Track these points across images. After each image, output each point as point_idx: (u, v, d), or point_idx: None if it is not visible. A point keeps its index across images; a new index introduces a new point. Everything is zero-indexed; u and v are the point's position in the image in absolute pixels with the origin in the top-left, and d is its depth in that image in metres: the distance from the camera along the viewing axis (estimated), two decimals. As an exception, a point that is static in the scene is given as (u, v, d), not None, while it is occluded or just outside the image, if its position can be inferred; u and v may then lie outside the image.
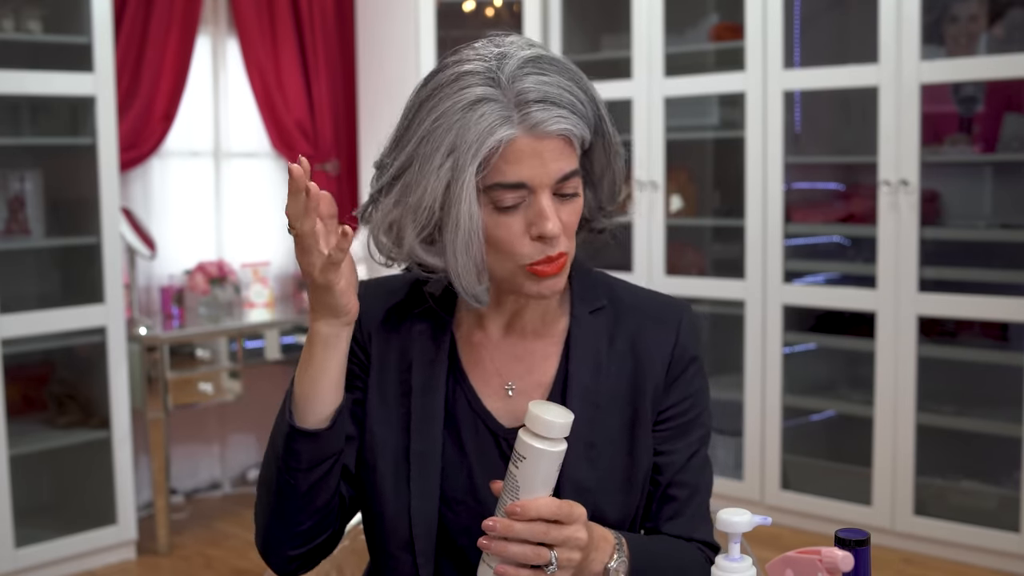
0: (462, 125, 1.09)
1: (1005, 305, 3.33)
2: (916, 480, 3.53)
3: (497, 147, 1.09)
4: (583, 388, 1.21)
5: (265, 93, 4.32)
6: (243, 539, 3.82)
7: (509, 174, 1.10)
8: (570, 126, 1.11)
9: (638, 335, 1.24)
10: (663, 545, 1.22)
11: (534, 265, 1.14)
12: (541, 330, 1.25)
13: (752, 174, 3.79)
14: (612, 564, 1.12)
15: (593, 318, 1.25)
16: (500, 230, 1.13)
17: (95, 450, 3.51)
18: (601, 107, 1.17)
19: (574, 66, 1.17)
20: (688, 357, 1.25)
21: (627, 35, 4.08)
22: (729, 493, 3.90)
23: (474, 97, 1.10)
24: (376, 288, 1.31)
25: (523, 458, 1.07)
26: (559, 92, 1.11)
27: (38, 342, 3.40)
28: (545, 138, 1.10)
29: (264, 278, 4.19)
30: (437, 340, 1.24)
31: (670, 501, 1.24)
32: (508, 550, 1.06)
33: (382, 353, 1.25)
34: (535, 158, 1.10)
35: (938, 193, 3.72)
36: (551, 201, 1.12)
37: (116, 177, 3.46)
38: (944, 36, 3.56)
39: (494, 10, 4.42)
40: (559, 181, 1.12)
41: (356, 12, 4.59)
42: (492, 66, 1.11)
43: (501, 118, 1.09)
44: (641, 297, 1.29)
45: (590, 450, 1.20)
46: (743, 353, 3.87)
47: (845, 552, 0.96)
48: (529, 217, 1.12)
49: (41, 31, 3.41)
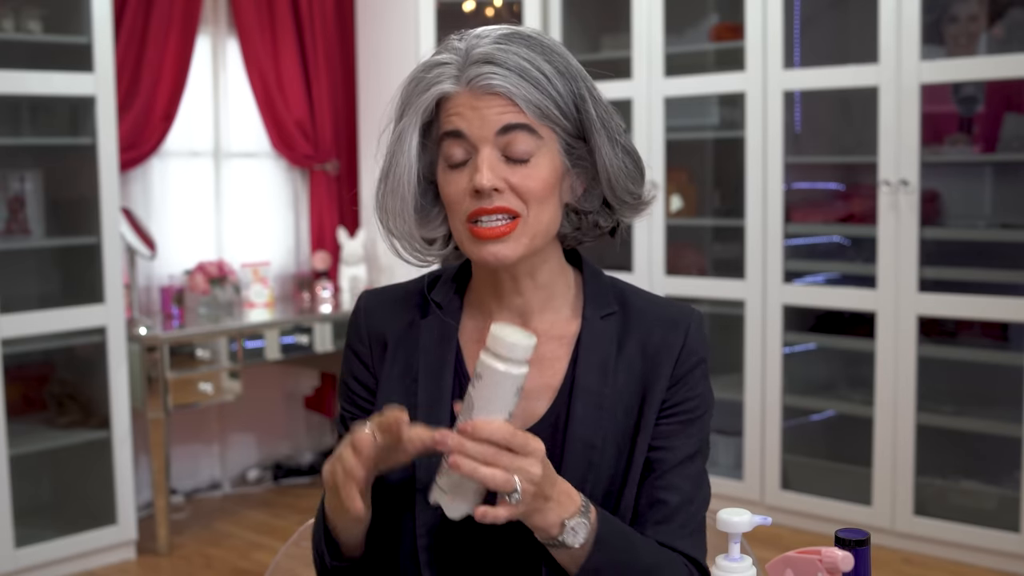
0: (416, 84, 1.17)
1: (1005, 305, 3.33)
2: (916, 480, 3.53)
3: (438, 100, 1.15)
4: (589, 392, 1.21)
5: (265, 93, 4.32)
6: (243, 539, 3.82)
7: (451, 124, 1.15)
8: (508, 85, 1.12)
9: (647, 339, 1.24)
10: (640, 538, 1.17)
11: (472, 218, 1.15)
12: (552, 332, 1.25)
13: (752, 174, 3.79)
14: (570, 521, 1.09)
15: (604, 323, 1.24)
16: (448, 187, 1.17)
17: (95, 450, 3.51)
18: (584, 89, 1.17)
19: (559, 47, 1.17)
20: (695, 359, 1.24)
21: (627, 35, 4.08)
22: (729, 493, 3.90)
23: (434, 62, 1.16)
24: (379, 299, 1.31)
25: (480, 377, 1.05)
26: (512, 58, 1.13)
27: (38, 342, 3.40)
28: (483, 95, 1.13)
29: (264, 278, 4.19)
30: (442, 349, 1.24)
31: (659, 504, 1.20)
32: (478, 472, 1.02)
33: (389, 366, 1.26)
34: (474, 112, 1.13)
35: (938, 193, 3.72)
36: (491, 156, 1.14)
37: (116, 177, 3.46)
38: (944, 36, 3.56)
39: (494, 10, 4.42)
40: (501, 133, 1.13)
41: (356, 12, 4.59)
42: (465, 42, 1.16)
43: (448, 76, 1.15)
44: (651, 303, 1.28)
45: (591, 452, 1.19)
46: (743, 353, 3.87)
47: (845, 552, 0.96)
48: (471, 174, 1.14)
49: (41, 31, 3.41)
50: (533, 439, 1.05)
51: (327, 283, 4.40)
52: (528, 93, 1.12)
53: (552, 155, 1.16)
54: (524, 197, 1.15)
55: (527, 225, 1.16)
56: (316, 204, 4.54)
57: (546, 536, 1.10)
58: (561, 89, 1.14)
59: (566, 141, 1.17)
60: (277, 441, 4.59)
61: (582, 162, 1.19)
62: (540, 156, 1.15)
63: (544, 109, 1.14)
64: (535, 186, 1.15)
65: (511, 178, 1.14)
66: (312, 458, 4.62)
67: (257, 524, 3.98)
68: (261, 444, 4.53)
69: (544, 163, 1.15)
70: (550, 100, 1.14)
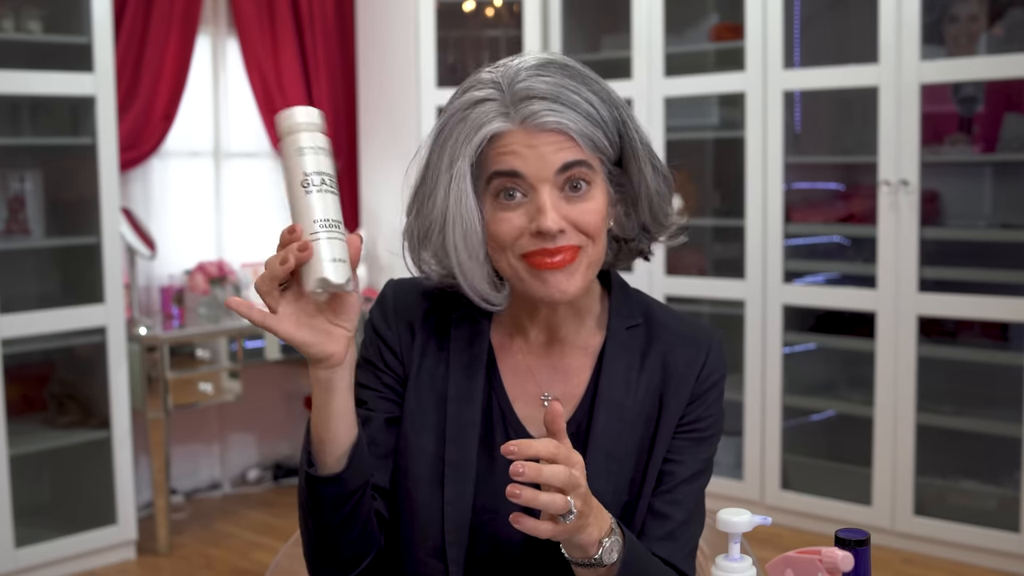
0: (461, 123, 1.12)
1: (1005, 305, 3.33)
2: (916, 480, 3.53)
3: (489, 139, 1.12)
4: (611, 403, 1.21)
5: (265, 93, 4.32)
6: (243, 539, 3.82)
7: (503, 163, 1.12)
8: (565, 120, 1.10)
9: (669, 354, 1.24)
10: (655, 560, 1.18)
11: (531, 256, 1.13)
12: (578, 342, 1.25)
13: (752, 174, 3.79)
14: (607, 540, 1.08)
15: (629, 335, 1.25)
16: (500, 224, 1.13)
17: (95, 450, 3.51)
18: (624, 114, 1.16)
19: (591, 73, 1.16)
20: (714, 379, 1.26)
21: (627, 35, 4.08)
22: (729, 493, 3.89)
23: (475, 99, 1.13)
24: (410, 289, 1.29)
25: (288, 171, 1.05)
26: (558, 90, 1.11)
27: (38, 342, 3.40)
28: (541, 132, 1.11)
29: (264, 278, 4.18)
30: (474, 346, 1.24)
31: (663, 519, 1.21)
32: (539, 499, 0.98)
33: (420, 356, 1.25)
34: (531, 150, 1.11)
35: (938, 193, 3.72)
36: (553, 196, 1.12)
37: (116, 177, 3.46)
38: (944, 36, 3.56)
39: (494, 10, 4.42)
40: (561, 172, 1.12)
41: (356, 12, 4.59)
42: (498, 74, 1.13)
43: (497, 114, 1.11)
44: (675, 318, 1.29)
45: (610, 463, 1.20)
46: (743, 353, 3.87)
47: (845, 552, 0.96)
48: (531, 213, 1.12)
49: (41, 31, 3.41)
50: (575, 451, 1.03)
51: (327, 283, 4.40)
52: (583, 127, 1.11)
53: (603, 185, 1.16)
54: (586, 232, 1.14)
55: (587, 257, 1.15)
56: (316, 204, 4.54)
57: (583, 555, 1.08)
58: (607, 117, 1.14)
59: (608, 169, 1.17)
60: (277, 441, 4.59)
61: (621, 189, 1.19)
62: (595, 188, 1.15)
63: (596, 140, 1.13)
64: (594, 220, 1.14)
65: (571, 214, 1.13)
66: (312, 458, 4.62)
67: (257, 524, 3.98)
68: (261, 444, 4.53)
69: (599, 195, 1.15)
70: (600, 130, 1.13)
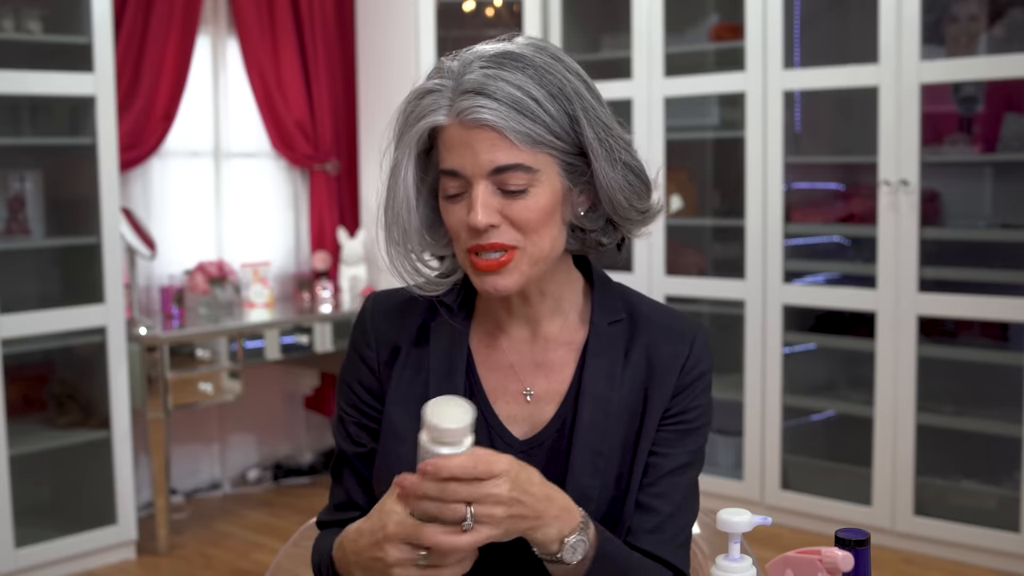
0: (412, 114, 1.15)
1: (1005, 305, 3.33)
2: (916, 480, 3.53)
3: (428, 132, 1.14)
4: (595, 398, 1.21)
5: (265, 93, 4.32)
6: (243, 539, 3.82)
7: (446, 161, 1.14)
8: (495, 118, 1.09)
9: (653, 347, 1.24)
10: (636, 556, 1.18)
11: (471, 251, 1.15)
12: (561, 337, 1.25)
13: (752, 174, 3.79)
14: (569, 539, 1.08)
15: (611, 329, 1.24)
16: (448, 217, 1.16)
17: (95, 450, 3.51)
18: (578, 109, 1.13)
19: (555, 66, 1.13)
20: (699, 371, 1.24)
21: (627, 35, 4.08)
22: (729, 493, 3.90)
23: (425, 89, 1.14)
24: (388, 302, 1.30)
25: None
26: (502, 87, 1.10)
27: (38, 342, 3.40)
28: (473, 128, 1.11)
29: (264, 278, 4.19)
30: (453, 351, 1.24)
31: (650, 511, 1.20)
32: (420, 506, 1.02)
33: (401, 368, 1.25)
34: (465, 147, 1.12)
35: (938, 193, 3.72)
36: (486, 192, 1.12)
37: (116, 177, 3.46)
38: (944, 36, 3.56)
39: (494, 10, 4.42)
40: (493, 173, 1.11)
41: (356, 12, 4.59)
42: (456, 63, 1.14)
43: (439, 107, 1.13)
44: (658, 312, 1.28)
45: (597, 458, 1.20)
46: (743, 353, 3.87)
47: (845, 552, 0.96)
48: (468, 207, 1.13)
49: (41, 31, 3.41)
50: (498, 460, 1.03)
51: (327, 283, 4.40)
52: (518, 124, 1.10)
53: (551, 181, 1.14)
54: (521, 229, 1.14)
55: (525, 254, 1.15)
56: (316, 204, 4.54)
57: (545, 552, 1.09)
58: (554, 112, 1.12)
59: (565, 161, 1.15)
60: (277, 441, 4.59)
61: (585, 178, 1.17)
62: (537, 186, 1.13)
63: (537, 136, 1.11)
64: (532, 217, 1.13)
65: (507, 211, 1.13)
66: (312, 458, 4.62)
67: (257, 524, 3.98)
68: (261, 444, 4.53)
69: (542, 191, 1.13)
70: (542, 126, 1.11)
